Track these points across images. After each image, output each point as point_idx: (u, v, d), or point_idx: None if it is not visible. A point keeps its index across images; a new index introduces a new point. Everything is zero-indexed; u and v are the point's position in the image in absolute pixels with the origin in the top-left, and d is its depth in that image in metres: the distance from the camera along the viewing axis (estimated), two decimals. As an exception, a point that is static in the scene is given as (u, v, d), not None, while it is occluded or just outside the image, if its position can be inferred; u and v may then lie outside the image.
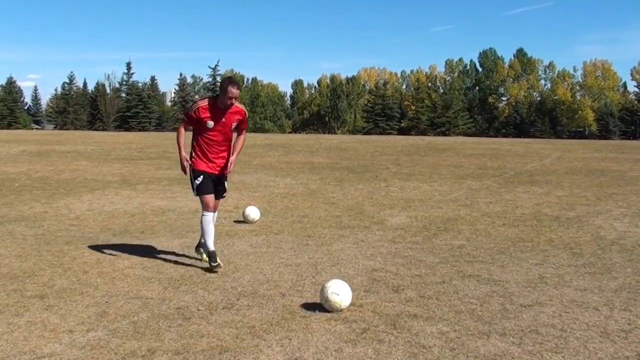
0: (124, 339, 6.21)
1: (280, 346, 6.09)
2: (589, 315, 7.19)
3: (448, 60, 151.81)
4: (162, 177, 22.12)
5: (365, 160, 31.64)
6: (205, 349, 5.98)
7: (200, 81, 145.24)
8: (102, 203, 15.53)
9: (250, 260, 9.72)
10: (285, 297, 7.73)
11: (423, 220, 13.47)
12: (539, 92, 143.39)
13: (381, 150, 39.83)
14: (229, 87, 9.21)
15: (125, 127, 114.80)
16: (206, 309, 7.25)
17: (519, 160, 32.82)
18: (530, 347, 6.16)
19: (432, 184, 20.76)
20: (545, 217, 14.18)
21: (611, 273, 9.14)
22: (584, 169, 27.90)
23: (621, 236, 11.99)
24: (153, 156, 32.25)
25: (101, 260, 9.61)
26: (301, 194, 18.04)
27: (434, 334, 6.48)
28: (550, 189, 19.60)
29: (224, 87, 9.27)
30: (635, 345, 6.24)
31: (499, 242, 11.31)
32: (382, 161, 31.48)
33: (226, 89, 9.22)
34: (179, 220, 13.21)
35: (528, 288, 8.30)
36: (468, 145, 47.32)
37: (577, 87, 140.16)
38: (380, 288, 8.25)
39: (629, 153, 39.85)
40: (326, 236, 11.75)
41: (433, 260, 9.80)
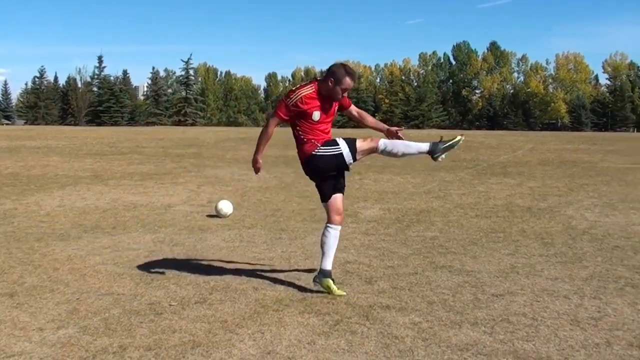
0: (95, 336, 6.16)
1: (252, 340, 6.07)
2: (560, 303, 7.22)
3: (422, 53, 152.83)
4: (134, 172, 22.02)
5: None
6: (178, 344, 5.95)
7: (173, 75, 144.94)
8: (73, 199, 15.44)
9: (223, 255, 9.69)
10: (257, 291, 7.70)
11: (396, 213, 13.48)
12: (512, 84, 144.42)
13: (355, 144, 39.79)
14: (346, 78, 7.60)
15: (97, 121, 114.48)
16: (178, 304, 7.21)
17: (492, 152, 32.98)
18: (502, 336, 6.18)
19: (405, 177, 20.81)
20: (518, 208, 14.24)
21: (582, 262, 9.19)
22: (556, 160, 28.06)
23: (592, 226, 12.06)
24: (125, 151, 32.13)
25: (72, 256, 9.53)
26: (275, 187, 18.02)
27: (406, 324, 6.49)
28: (523, 180, 19.71)
29: (339, 77, 7.61)
30: (605, 332, 6.27)
31: (472, 233, 11.35)
32: (355, 154, 31.45)
33: (342, 79, 7.59)
34: (151, 216, 13.15)
35: (500, 278, 8.33)
36: (441, 137, 47.41)
37: (550, 79, 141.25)
38: (353, 280, 8.25)
39: (600, 144, 40.12)
40: (300, 230, 11.74)
41: (406, 252, 9.81)
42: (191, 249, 10.05)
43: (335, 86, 7.61)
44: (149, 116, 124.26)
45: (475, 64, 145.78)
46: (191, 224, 12.31)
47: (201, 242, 10.68)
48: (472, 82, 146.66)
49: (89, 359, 5.65)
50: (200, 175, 20.89)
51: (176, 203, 14.88)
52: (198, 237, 11.09)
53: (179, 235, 11.16)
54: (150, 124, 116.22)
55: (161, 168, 23.57)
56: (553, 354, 5.77)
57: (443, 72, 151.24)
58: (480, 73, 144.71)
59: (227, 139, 42.50)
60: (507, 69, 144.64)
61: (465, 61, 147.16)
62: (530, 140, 44.86)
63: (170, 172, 21.93)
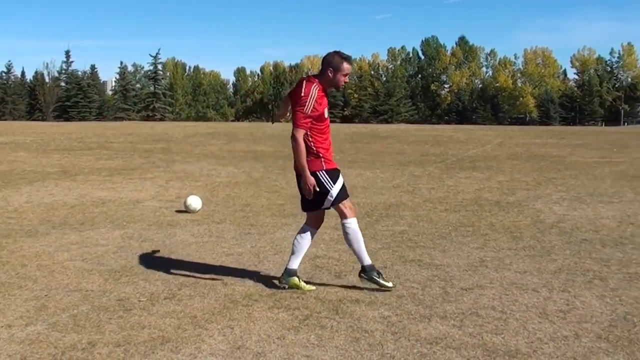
0: (64, 333, 6.14)
1: (222, 335, 6.07)
2: (529, 296, 7.28)
3: (390, 48, 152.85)
4: (102, 167, 21.90)
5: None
6: (147, 340, 5.94)
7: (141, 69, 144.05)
8: (41, 195, 15.33)
9: (192, 250, 9.67)
10: (227, 287, 7.70)
11: (365, 207, 13.49)
12: (480, 79, 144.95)
13: (324, 138, 39.80)
14: (344, 63, 7.57)
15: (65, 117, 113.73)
16: (147, 300, 7.20)
17: (460, 146, 33.06)
18: (471, 329, 6.21)
19: (374, 171, 20.83)
20: (486, 201, 14.31)
21: (550, 255, 9.26)
22: (525, 154, 28.20)
23: (560, 219, 12.14)
24: (93, 146, 31.94)
25: (40, 253, 9.48)
26: (244, 182, 17.99)
27: (375, 318, 6.51)
28: (491, 174, 19.79)
29: (337, 65, 7.57)
30: (573, 325, 6.33)
31: (441, 227, 11.39)
32: (324, 149, 31.47)
33: (340, 66, 7.55)
34: (119, 211, 13.08)
35: (469, 272, 8.37)
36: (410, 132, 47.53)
37: (518, 74, 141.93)
38: (322, 274, 8.27)
39: (568, 139, 40.33)
40: (269, 225, 11.73)
41: (375, 246, 9.82)
42: (160, 245, 10.02)
43: (336, 74, 7.56)
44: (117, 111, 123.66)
45: (444, 58, 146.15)
46: (160, 219, 12.27)
47: (170, 237, 10.65)
48: (441, 77, 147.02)
49: (58, 355, 5.62)
50: (169, 171, 20.81)
51: (145, 198, 14.81)
52: (167, 232, 11.05)
53: (147, 231, 11.12)
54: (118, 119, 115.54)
55: (129, 163, 23.45)
56: (522, 346, 5.81)
57: (412, 67, 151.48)
58: (449, 68, 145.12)
59: (196, 134, 42.37)
60: (476, 64, 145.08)
61: (434, 56, 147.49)
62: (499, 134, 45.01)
63: (138, 168, 21.82)
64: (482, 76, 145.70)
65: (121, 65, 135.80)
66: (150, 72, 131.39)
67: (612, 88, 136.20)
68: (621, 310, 6.82)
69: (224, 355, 5.64)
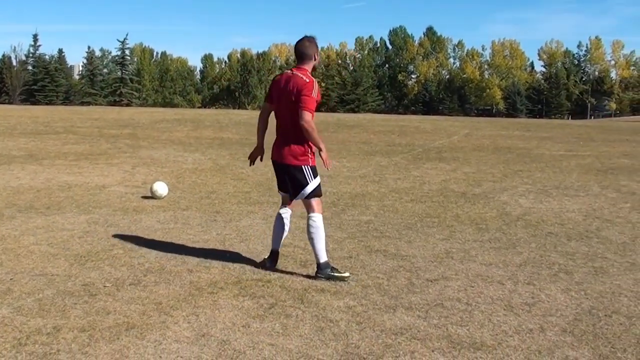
0: (29, 317, 6.12)
1: (187, 322, 6.08)
2: (494, 289, 7.33)
3: (358, 37, 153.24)
4: (68, 152, 21.75)
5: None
6: (112, 326, 5.93)
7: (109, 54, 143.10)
8: (7, 178, 15.22)
9: (158, 236, 9.65)
10: (192, 274, 7.70)
11: (331, 196, 13.50)
12: (448, 70, 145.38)
13: (291, 127, 39.76)
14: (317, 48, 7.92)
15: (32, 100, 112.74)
16: (112, 285, 7.18)
17: (427, 137, 33.12)
18: (436, 320, 6.25)
19: (340, 160, 20.83)
20: (452, 193, 14.37)
21: (516, 248, 9.32)
22: (491, 146, 28.30)
23: (526, 212, 12.22)
24: (60, 131, 31.69)
25: (5, 236, 9.42)
26: (210, 169, 17.95)
27: (340, 308, 6.54)
28: (458, 166, 19.87)
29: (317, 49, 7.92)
30: (539, 318, 6.39)
31: (406, 218, 11.43)
32: (292, 137, 31.44)
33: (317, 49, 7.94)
34: (85, 196, 13.02)
35: (434, 263, 8.42)
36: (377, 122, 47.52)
37: (486, 65, 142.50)
38: (288, 263, 8.28)
39: (535, 131, 40.50)
40: (235, 212, 11.72)
41: (341, 236, 9.85)
42: (126, 230, 9.99)
43: (318, 58, 7.90)
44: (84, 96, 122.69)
45: (411, 49, 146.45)
46: (126, 205, 12.22)
47: (136, 223, 10.61)
48: (408, 67, 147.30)
49: (23, 339, 5.61)
50: (135, 156, 20.71)
51: (111, 184, 14.75)
52: (133, 218, 11.02)
53: (113, 216, 11.07)
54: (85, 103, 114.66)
55: (96, 148, 23.31)
56: (487, 339, 5.85)
57: (379, 57, 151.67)
58: (416, 58, 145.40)
59: (162, 120, 42.14)
60: (443, 55, 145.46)
61: (401, 46, 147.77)
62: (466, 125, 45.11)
63: (105, 153, 21.71)
64: (450, 67, 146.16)
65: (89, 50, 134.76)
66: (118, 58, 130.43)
67: (580, 81, 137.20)
68: (586, 304, 6.88)
69: (189, 342, 5.65)
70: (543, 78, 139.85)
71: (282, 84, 7.78)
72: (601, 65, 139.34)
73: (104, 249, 8.83)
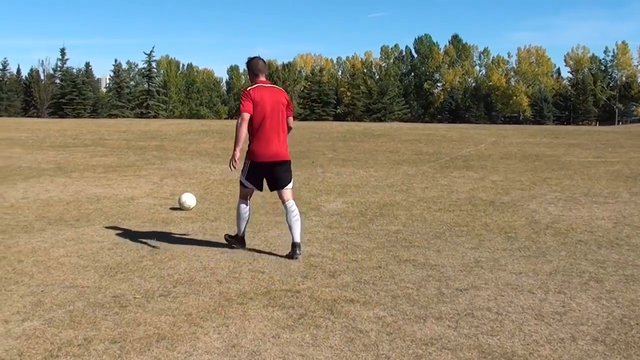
0: (60, 328, 6.15)
1: (217, 333, 6.09)
2: (524, 298, 7.29)
3: (383, 46, 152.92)
4: (97, 164, 21.88)
5: (302, 147, 31.61)
6: (142, 337, 5.95)
7: (135, 67, 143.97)
8: (36, 191, 15.32)
9: (187, 248, 9.67)
10: (222, 284, 7.71)
11: (359, 206, 13.50)
12: (474, 78, 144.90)
13: (317, 137, 39.82)
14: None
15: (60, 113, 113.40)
16: (142, 296, 7.20)
17: (454, 145, 33.05)
18: (466, 330, 6.22)
19: (368, 170, 20.82)
20: (481, 201, 14.31)
21: (545, 256, 9.27)
22: (519, 153, 28.19)
23: (555, 220, 12.15)
24: (88, 143, 31.89)
25: (36, 249, 9.49)
26: (237, 180, 17.93)
27: (370, 318, 6.52)
28: (485, 174, 19.79)
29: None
30: (570, 327, 6.34)
31: (435, 227, 11.40)
32: (318, 147, 31.48)
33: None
34: (114, 208, 13.09)
35: (464, 272, 8.38)
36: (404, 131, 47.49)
37: (512, 73, 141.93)
38: (317, 273, 8.27)
39: (562, 138, 40.33)
40: (263, 223, 11.73)
41: (369, 246, 9.84)
42: (155, 242, 10.02)
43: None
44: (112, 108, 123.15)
45: (437, 57, 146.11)
46: (154, 216, 12.27)
47: (165, 234, 10.65)
48: (434, 75, 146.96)
49: (54, 351, 5.64)
50: (163, 168, 20.80)
51: (139, 195, 14.82)
52: (161, 229, 11.06)
53: (142, 228, 11.12)
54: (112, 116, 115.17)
55: (124, 160, 23.44)
56: (518, 348, 5.82)
57: (405, 65, 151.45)
58: (442, 66, 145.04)
59: (189, 131, 42.30)
60: (469, 62, 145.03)
61: (427, 54, 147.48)
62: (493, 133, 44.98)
63: (133, 165, 21.82)
64: (476, 75, 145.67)
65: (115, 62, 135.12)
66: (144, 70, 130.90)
67: (607, 87, 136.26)
68: (618, 313, 6.83)
69: (219, 353, 5.66)
70: (570, 84, 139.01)
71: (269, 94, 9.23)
72: (628, 71, 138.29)
73: (133, 260, 8.86)
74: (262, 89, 9.19)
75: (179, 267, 8.49)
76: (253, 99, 9.09)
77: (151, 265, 8.61)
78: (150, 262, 8.78)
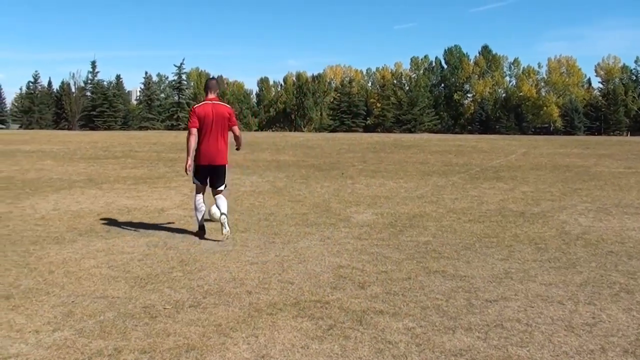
0: (91, 339, 6.19)
1: (247, 344, 6.09)
2: (554, 309, 7.25)
3: (413, 57, 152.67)
4: (127, 176, 22.01)
5: (332, 158, 31.65)
6: (172, 348, 5.97)
7: (165, 79, 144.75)
8: (67, 202, 15.43)
9: (217, 259, 9.69)
10: (251, 295, 7.72)
11: (389, 217, 13.49)
12: (504, 88, 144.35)
13: (347, 148, 39.86)
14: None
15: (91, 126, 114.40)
16: (172, 307, 7.23)
17: (484, 156, 32.97)
18: (496, 341, 6.20)
19: (398, 181, 20.81)
20: (511, 212, 14.26)
21: (576, 267, 9.22)
22: (549, 164, 28.09)
23: (586, 231, 12.08)
24: (119, 155, 32.09)
25: (67, 259, 9.55)
26: (267, 191, 18.01)
27: (400, 329, 6.51)
28: (516, 185, 19.73)
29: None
30: (600, 338, 6.30)
31: (465, 238, 11.37)
32: (348, 158, 31.50)
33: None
34: (144, 219, 13.16)
35: (493, 283, 8.35)
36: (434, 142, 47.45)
37: (542, 83, 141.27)
38: (346, 284, 8.26)
39: (593, 149, 40.15)
40: (292, 234, 11.75)
41: (399, 257, 9.83)
42: (184, 253, 10.05)
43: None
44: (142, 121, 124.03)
45: (467, 67, 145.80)
46: (184, 227, 12.31)
47: (195, 245, 10.69)
48: (464, 86, 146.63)
49: (85, 361, 5.67)
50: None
51: (169, 207, 14.88)
52: (191, 241, 11.10)
53: (172, 239, 11.17)
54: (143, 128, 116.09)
55: (154, 172, 23.56)
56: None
57: (435, 76, 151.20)
58: (472, 77, 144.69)
59: (219, 142, 42.39)
60: (499, 73, 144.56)
61: (457, 65, 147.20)
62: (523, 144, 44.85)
63: (163, 176, 21.92)
64: (506, 85, 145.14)
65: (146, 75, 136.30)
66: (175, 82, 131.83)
67: (638, 97, 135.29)
68: (647, 324, 6.78)
69: (249, 364, 5.67)
70: (600, 94, 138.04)
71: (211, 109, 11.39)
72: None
73: (163, 271, 8.90)
74: (206, 105, 11.37)
75: (209, 278, 8.52)
76: (198, 115, 11.23)
77: (181, 276, 8.65)
78: (180, 273, 8.82)
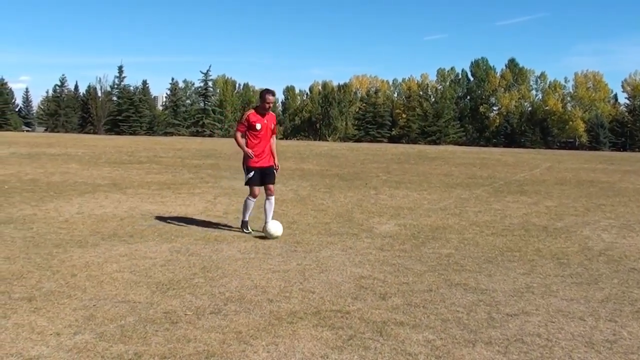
0: (111, 343, 6.21)
1: (266, 352, 6.10)
2: (575, 325, 7.22)
3: (440, 69, 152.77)
4: (151, 181, 22.10)
5: (356, 168, 31.65)
6: (192, 354, 5.99)
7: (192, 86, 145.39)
8: (91, 206, 15.51)
9: (239, 266, 9.72)
10: (272, 303, 7.74)
11: (412, 229, 13.48)
12: (530, 102, 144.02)
13: (371, 158, 39.84)
14: (266, 95, 12.54)
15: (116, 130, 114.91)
16: (193, 313, 7.25)
17: (508, 169, 32.87)
18: (516, 356, 6.18)
19: (421, 193, 20.79)
20: (534, 227, 14.21)
21: (598, 284, 9.17)
22: (574, 179, 27.97)
23: (608, 247, 12.03)
24: (143, 160, 32.23)
25: (90, 263, 9.60)
26: (291, 200, 18.03)
27: (420, 341, 6.50)
28: (539, 199, 19.66)
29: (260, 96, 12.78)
30: (620, 355, 6.27)
31: (487, 251, 11.34)
32: (372, 169, 31.49)
33: (264, 97, 12.55)
34: (168, 225, 13.20)
35: (514, 297, 8.32)
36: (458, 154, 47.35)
37: (568, 97, 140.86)
38: (367, 295, 8.26)
39: (618, 164, 39.96)
40: (314, 243, 11.76)
41: (421, 269, 9.82)
42: (207, 260, 10.08)
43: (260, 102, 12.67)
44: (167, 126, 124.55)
45: (493, 80, 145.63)
46: (207, 234, 12.35)
47: (217, 252, 10.71)
48: (490, 99, 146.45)
49: (105, 365, 5.70)
50: (217, 186, 20.94)
51: (193, 213, 14.93)
52: (214, 247, 11.12)
53: (195, 246, 11.20)
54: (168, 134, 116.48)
55: (178, 178, 23.65)
56: (566, 375, 5.77)
57: (461, 89, 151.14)
58: (498, 90, 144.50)
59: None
60: (526, 87, 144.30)
61: (483, 78, 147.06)
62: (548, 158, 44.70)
63: (187, 183, 22.00)
64: (532, 99, 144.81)
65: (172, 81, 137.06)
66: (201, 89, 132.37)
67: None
68: (669, 342, 6.74)
69: (268, 372, 5.68)
70: (627, 110, 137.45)
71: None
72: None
73: (185, 277, 8.93)
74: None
75: (230, 285, 8.54)
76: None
77: (203, 282, 8.67)
78: (201, 279, 8.84)
